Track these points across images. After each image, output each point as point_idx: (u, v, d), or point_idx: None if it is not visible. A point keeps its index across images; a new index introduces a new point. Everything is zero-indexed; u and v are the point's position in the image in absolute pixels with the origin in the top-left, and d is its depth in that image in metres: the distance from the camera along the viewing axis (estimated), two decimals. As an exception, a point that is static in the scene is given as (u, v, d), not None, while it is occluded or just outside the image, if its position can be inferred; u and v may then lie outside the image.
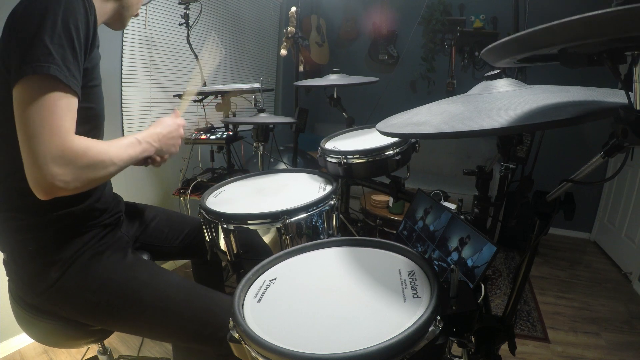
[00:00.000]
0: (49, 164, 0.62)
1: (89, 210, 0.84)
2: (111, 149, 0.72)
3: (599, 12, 0.32)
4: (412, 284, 0.64)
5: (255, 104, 1.46)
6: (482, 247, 0.80)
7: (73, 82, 0.65)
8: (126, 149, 0.76)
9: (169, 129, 0.89)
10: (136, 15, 0.91)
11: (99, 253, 0.84)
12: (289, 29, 1.92)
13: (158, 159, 1.00)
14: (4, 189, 0.76)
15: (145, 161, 1.08)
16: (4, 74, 0.67)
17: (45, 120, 0.62)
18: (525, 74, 1.77)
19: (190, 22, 2.00)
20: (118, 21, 0.87)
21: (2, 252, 0.82)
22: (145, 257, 1.00)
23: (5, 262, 0.82)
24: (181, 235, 1.14)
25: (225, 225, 0.94)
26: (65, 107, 0.65)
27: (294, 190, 1.14)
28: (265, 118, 1.40)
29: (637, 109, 0.42)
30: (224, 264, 1.34)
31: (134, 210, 1.09)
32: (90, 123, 0.80)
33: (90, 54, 0.73)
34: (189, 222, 1.17)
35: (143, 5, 0.93)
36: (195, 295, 0.87)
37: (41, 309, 0.82)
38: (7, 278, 0.84)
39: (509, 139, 0.82)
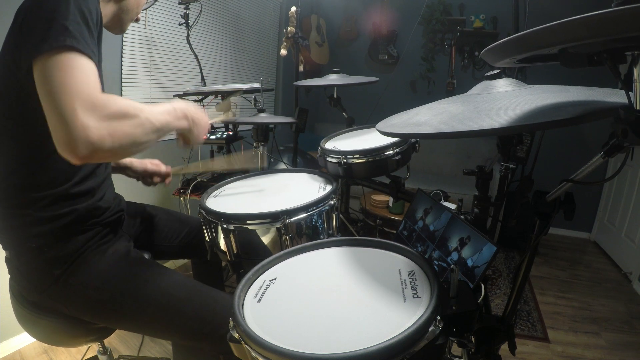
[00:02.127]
0: (78, 115, 0.57)
1: (92, 209, 0.85)
2: (144, 107, 0.68)
3: (599, 12, 0.32)
4: (412, 284, 0.64)
5: (255, 104, 1.46)
6: (482, 247, 0.80)
7: (92, 53, 0.64)
8: (162, 113, 0.72)
9: (200, 113, 0.85)
10: (137, 20, 0.92)
11: (102, 250, 0.85)
12: (289, 29, 1.92)
13: (156, 179, 1.06)
14: (7, 186, 0.76)
15: (149, 181, 1.12)
16: (11, 68, 0.67)
17: (70, 75, 0.59)
18: (525, 74, 1.77)
19: (190, 22, 2.00)
20: (117, 24, 0.88)
21: (4, 249, 0.82)
22: (146, 256, 1.00)
23: (7, 260, 0.82)
24: (181, 234, 1.15)
25: (225, 225, 0.94)
26: (88, 68, 0.62)
27: (293, 190, 1.14)
28: (265, 118, 1.40)
29: (637, 109, 0.42)
30: (224, 263, 1.34)
31: (134, 210, 1.10)
32: None
33: (99, 45, 0.74)
34: (188, 222, 1.18)
35: (143, 10, 0.93)
36: (196, 293, 0.87)
37: (43, 307, 0.82)
38: (9, 276, 0.85)
39: (509, 139, 0.83)
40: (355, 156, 1.20)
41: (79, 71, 0.61)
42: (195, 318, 0.84)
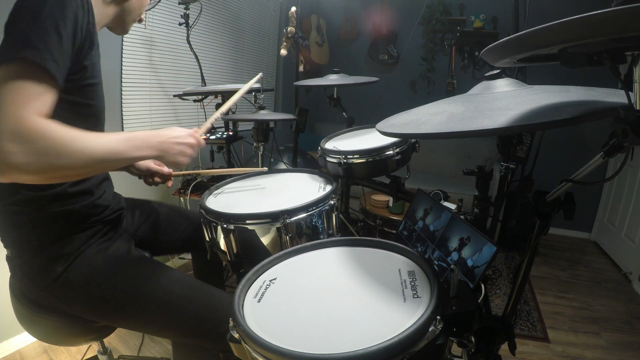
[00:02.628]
0: (2, 139, 0.57)
1: (92, 207, 0.85)
2: (85, 137, 0.65)
3: (599, 11, 0.32)
4: (412, 284, 0.64)
5: (255, 101, 1.46)
6: (482, 247, 0.80)
7: (52, 65, 0.62)
8: (110, 141, 0.68)
9: (178, 134, 0.81)
10: (140, 21, 0.91)
11: (104, 248, 0.85)
12: (289, 29, 1.92)
13: (158, 172, 1.01)
14: (7, 184, 0.76)
15: (150, 180, 1.09)
16: None
17: (10, 94, 0.58)
18: (525, 74, 1.77)
19: (190, 22, 2.00)
20: (120, 25, 0.87)
21: (5, 248, 0.82)
22: (147, 254, 1.00)
23: (8, 258, 0.83)
24: (181, 228, 1.15)
25: (225, 225, 0.94)
26: (34, 87, 0.61)
27: (293, 190, 1.14)
28: (265, 115, 1.40)
29: (637, 109, 0.42)
30: (224, 263, 1.34)
31: (134, 205, 1.10)
32: (90, 120, 0.80)
33: (89, 52, 0.73)
34: (188, 216, 1.18)
35: (146, 10, 0.93)
36: (197, 292, 0.88)
37: (44, 305, 0.82)
38: (10, 274, 0.85)
39: (509, 139, 0.83)
40: (355, 156, 1.20)
41: (22, 92, 0.59)
42: (196, 316, 0.84)
